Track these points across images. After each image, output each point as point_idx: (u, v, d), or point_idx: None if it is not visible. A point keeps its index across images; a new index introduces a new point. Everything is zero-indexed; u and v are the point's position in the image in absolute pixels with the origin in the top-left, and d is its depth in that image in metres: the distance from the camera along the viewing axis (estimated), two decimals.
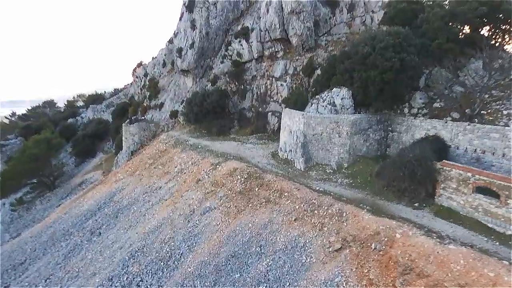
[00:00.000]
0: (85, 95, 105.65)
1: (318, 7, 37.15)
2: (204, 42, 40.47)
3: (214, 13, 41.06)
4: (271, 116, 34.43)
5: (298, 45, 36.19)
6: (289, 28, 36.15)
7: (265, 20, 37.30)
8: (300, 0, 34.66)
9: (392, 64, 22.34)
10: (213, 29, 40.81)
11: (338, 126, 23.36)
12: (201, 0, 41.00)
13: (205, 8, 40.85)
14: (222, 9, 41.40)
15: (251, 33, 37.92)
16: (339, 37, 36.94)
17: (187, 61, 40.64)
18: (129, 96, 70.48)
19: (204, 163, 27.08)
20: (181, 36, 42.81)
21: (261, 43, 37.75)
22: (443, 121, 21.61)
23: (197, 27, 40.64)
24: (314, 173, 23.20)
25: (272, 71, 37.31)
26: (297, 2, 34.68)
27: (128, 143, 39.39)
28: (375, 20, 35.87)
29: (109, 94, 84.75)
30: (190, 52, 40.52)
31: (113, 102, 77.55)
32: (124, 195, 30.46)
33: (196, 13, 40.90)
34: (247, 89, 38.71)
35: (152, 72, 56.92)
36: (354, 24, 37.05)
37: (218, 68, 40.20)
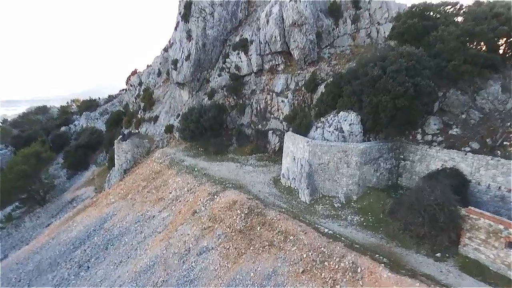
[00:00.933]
0: (79, 100, 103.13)
1: (320, 18, 35.10)
2: (201, 54, 38.28)
3: (211, 23, 38.89)
4: (272, 135, 32.36)
5: (300, 59, 34.12)
6: (290, 40, 34.06)
7: (265, 32, 35.18)
8: (302, 12, 32.56)
9: (406, 89, 20.34)
10: (210, 40, 38.64)
11: (347, 156, 21.36)
12: (197, 10, 38.80)
13: (201, 18, 38.65)
14: (219, 18, 39.23)
15: (250, 45, 35.80)
16: (343, 50, 34.92)
17: (183, 74, 38.45)
18: (123, 103, 68.15)
19: (201, 191, 25.00)
20: (177, 47, 40.58)
21: (261, 56, 35.65)
22: (462, 153, 19.67)
23: (193, 38, 38.43)
24: (320, 208, 21.21)
25: (273, 86, 35.23)
26: (299, 14, 32.59)
27: (120, 161, 37.20)
28: (381, 33, 33.87)
29: (103, 101, 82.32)
30: (186, 65, 38.33)
31: (107, 110, 75.20)
32: (115, 222, 28.32)
33: (192, 23, 38.70)
34: (246, 104, 36.61)
35: (146, 82, 54.64)
36: (358, 36, 35.02)
37: (216, 82, 38.07)
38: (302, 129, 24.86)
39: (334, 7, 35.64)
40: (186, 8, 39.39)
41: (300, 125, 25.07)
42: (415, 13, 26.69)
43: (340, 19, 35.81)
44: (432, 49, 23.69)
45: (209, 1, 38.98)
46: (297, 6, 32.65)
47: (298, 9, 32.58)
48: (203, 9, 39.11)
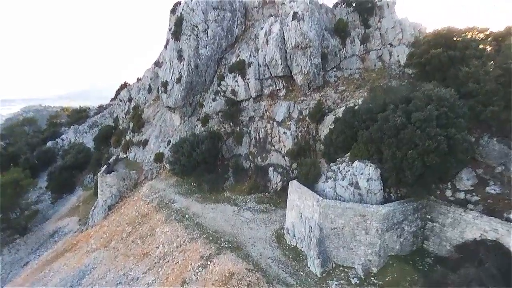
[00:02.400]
0: (69, 109, 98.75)
1: (326, 38, 31.36)
2: (193, 76, 34.41)
3: (204, 41, 34.99)
4: (273, 172, 28.67)
5: (304, 84, 30.41)
6: (292, 64, 30.32)
7: (265, 54, 31.39)
8: (306, 34, 28.79)
9: (437, 143, 16.73)
10: (204, 59, 34.76)
11: (365, 221, 17.75)
12: (189, 27, 34.87)
13: (194, 36, 34.73)
14: (213, 36, 35.34)
15: (248, 68, 31.99)
16: (351, 73, 31.24)
17: (174, 98, 34.57)
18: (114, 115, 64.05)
19: (192, 251, 21.31)
20: (167, 68, 36.68)
21: (260, 81, 31.87)
22: (507, 224, 16.12)
23: (185, 59, 34.54)
24: (334, 284, 17.59)
25: (273, 113, 31.48)
26: (303, 35, 28.82)
27: (105, 196, 33.36)
28: (394, 56, 30.19)
29: (94, 112, 78.09)
30: (176, 88, 34.44)
31: (97, 122, 71.10)
32: (94, 279, 24.57)
33: (184, 42, 34.78)
34: (243, 132, 32.85)
35: (136, 98, 50.65)
36: (368, 59, 31.33)
37: (210, 107, 34.25)
38: (309, 180, 21.17)
39: (340, 26, 31.91)
40: (176, 25, 35.45)
41: (307, 175, 21.35)
42: (438, 40, 23.04)
43: (348, 39, 32.11)
44: (463, 86, 20.09)
45: (202, 17, 35.07)
46: (300, 27, 28.88)
47: (302, 30, 28.81)
48: (195, 26, 35.18)
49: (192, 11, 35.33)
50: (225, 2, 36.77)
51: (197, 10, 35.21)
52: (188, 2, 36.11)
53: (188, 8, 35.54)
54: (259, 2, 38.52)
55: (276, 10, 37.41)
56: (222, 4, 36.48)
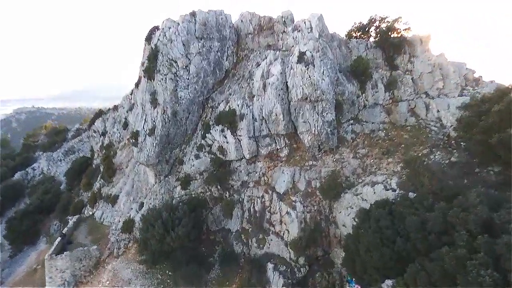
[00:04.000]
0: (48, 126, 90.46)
1: (341, 81, 23.98)
2: (170, 126, 26.83)
3: (185, 80, 27.42)
4: (273, 271, 21.16)
5: (313, 146, 23.04)
6: (298, 120, 22.93)
7: (261, 104, 23.94)
8: (317, 83, 21.38)
9: None
10: (184, 104, 27.18)
11: None
12: (165, 63, 27.25)
13: (171, 74, 27.11)
14: (196, 73, 27.78)
15: (239, 121, 24.48)
16: (373, 129, 23.91)
17: (146, 154, 26.96)
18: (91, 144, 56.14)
19: None
20: (138, 113, 29.07)
21: (255, 139, 24.40)
22: None
23: (160, 104, 26.95)
24: None
25: (273, 180, 24.07)
26: (313, 86, 21.40)
27: (54, 284, 25.64)
28: (432, 111, 22.82)
29: (72, 135, 69.87)
30: (149, 141, 26.82)
31: (73, 148, 63.15)
32: None
33: (159, 82, 27.15)
34: (234, 200, 25.38)
35: (111, 132, 42.94)
36: (396, 111, 24.00)
37: (192, 165, 26.70)
38: None
39: (359, 66, 24.54)
40: (150, 59, 27.80)
41: None
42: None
43: (368, 83, 24.79)
44: None
45: (183, 51, 27.49)
46: (309, 74, 21.46)
47: (312, 79, 21.40)
48: (173, 61, 27.57)
49: (170, 43, 27.72)
50: (212, 30, 29.25)
51: (176, 41, 27.63)
52: (165, 30, 28.50)
53: (165, 38, 27.92)
54: (255, 28, 31.10)
55: (275, 39, 30.04)
56: (208, 32, 28.94)
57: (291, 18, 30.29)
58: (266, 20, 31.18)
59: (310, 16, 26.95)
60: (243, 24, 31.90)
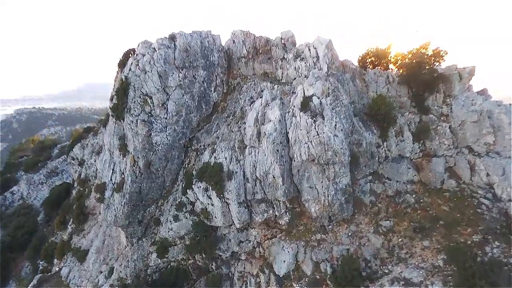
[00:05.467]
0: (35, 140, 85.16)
1: (356, 129, 18.50)
2: (143, 181, 21.40)
3: (162, 120, 21.98)
4: None
5: (322, 216, 17.60)
6: (303, 184, 17.49)
7: (255, 160, 18.46)
8: (329, 142, 15.87)
9: None
10: (161, 151, 21.73)
11: None
12: (137, 100, 21.76)
13: (144, 115, 21.64)
14: (177, 111, 22.33)
15: (227, 180, 18.99)
16: (400, 190, 18.46)
17: (113, 213, 21.58)
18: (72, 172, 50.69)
19: None
20: (105, 159, 23.64)
21: (247, 204, 18.96)
22: None
23: (130, 152, 21.52)
24: None
25: (270, 255, 18.68)
26: (322, 145, 15.91)
27: None
28: (480, 174, 17.23)
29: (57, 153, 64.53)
30: (117, 198, 21.42)
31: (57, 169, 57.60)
32: None
33: (128, 126, 21.67)
34: (222, 275, 20.03)
35: (88, 163, 37.42)
36: (429, 168, 18.48)
37: (170, 228, 21.32)
38: None
39: (379, 107, 19.02)
40: (119, 95, 22.32)
41: None
42: None
43: (391, 129, 19.28)
44: None
45: (159, 84, 22.05)
46: (317, 129, 15.97)
47: (320, 136, 15.92)
48: (148, 96, 22.12)
49: (144, 74, 22.25)
50: (196, 56, 23.78)
51: (151, 73, 22.16)
52: (139, 57, 23.04)
53: (138, 69, 22.45)
54: (249, 51, 25.67)
55: (273, 67, 24.60)
56: (192, 60, 23.47)
57: (292, 40, 24.80)
58: (263, 42, 25.72)
59: (316, 42, 21.46)
60: (235, 46, 26.43)
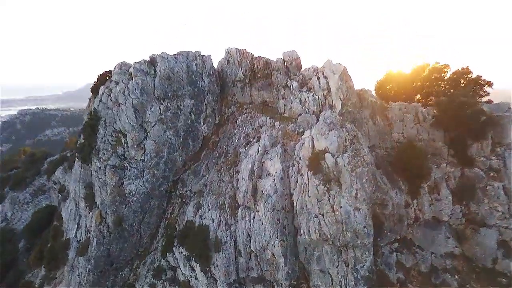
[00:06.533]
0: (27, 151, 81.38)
1: (380, 186, 14.28)
2: (112, 242, 17.25)
3: (138, 164, 17.82)
4: None
5: None
6: (311, 265, 13.21)
7: (249, 227, 14.23)
8: (347, 220, 11.61)
9: None
10: (136, 203, 17.58)
11: None
12: (108, 139, 17.63)
13: (116, 159, 17.50)
14: (157, 151, 18.18)
15: (214, 251, 14.77)
16: (434, 264, 14.27)
17: (77, 279, 17.47)
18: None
19: None
20: (71, 208, 19.58)
21: (240, 282, 14.73)
22: None
23: (98, 205, 17.41)
24: None
25: None
26: (339, 224, 11.59)
27: None
28: None
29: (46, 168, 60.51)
30: (82, 262, 17.32)
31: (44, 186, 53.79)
32: None
33: (95, 173, 17.54)
34: None
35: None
36: (475, 240, 14.15)
37: None
38: None
39: (409, 159, 14.75)
40: (87, 132, 18.22)
41: None
42: None
43: (424, 184, 15.09)
44: None
45: (134, 120, 17.90)
46: (332, 201, 11.71)
47: (337, 213, 11.67)
48: (121, 134, 17.98)
49: (117, 106, 18.13)
50: (182, 83, 19.64)
51: (125, 105, 18.03)
52: (112, 86, 18.91)
53: (110, 99, 18.32)
54: (246, 74, 21.54)
55: (274, 95, 20.44)
56: (176, 88, 19.33)
57: (296, 64, 20.64)
58: (261, 64, 21.57)
59: (327, 70, 17.23)
60: (230, 68, 22.31)
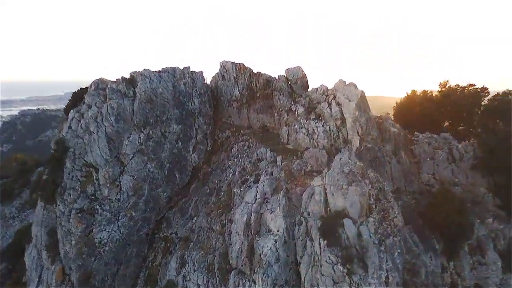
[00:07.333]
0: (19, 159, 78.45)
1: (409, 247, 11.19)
2: None
3: (112, 205, 14.78)
4: None
5: None
6: None
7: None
8: None
9: None
10: (108, 253, 14.51)
11: None
12: (77, 175, 14.55)
13: (84, 200, 14.41)
14: (135, 189, 15.17)
15: None
16: None
17: None
18: None
19: None
20: (33, 256, 16.42)
21: None
22: None
23: (61, 259, 14.37)
24: None
25: None
26: None
27: None
28: None
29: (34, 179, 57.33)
30: None
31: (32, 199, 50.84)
32: None
33: (59, 219, 14.52)
34: None
35: None
36: None
37: None
38: None
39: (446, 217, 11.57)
40: (51, 164, 15.18)
41: None
42: None
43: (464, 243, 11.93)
44: None
45: (108, 153, 14.82)
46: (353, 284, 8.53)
47: None
48: (92, 168, 14.91)
49: (88, 135, 15.08)
50: (167, 105, 16.59)
51: (97, 134, 14.98)
52: (83, 110, 15.87)
53: (80, 127, 15.28)
54: (243, 92, 18.52)
55: (276, 121, 17.40)
56: (159, 112, 16.26)
57: (302, 83, 17.55)
58: (261, 82, 18.48)
59: (340, 95, 14.13)
60: (225, 84, 19.26)
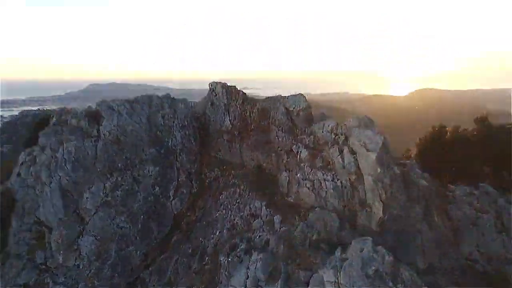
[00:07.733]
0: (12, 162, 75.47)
1: None
2: None
3: (70, 274, 11.81)
4: None
5: None
6: None
7: None
8: None
9: None
10: None
11: None
12: (25, 236, 11.60)
13: (31, 272, 11.49)
14: (98, 252, 12.25)
15: None
16: None
17: None
18: None
19: None
20: None
21: None
22: None
23: None
24: None
25: None
26: None
27: None
28: None
29: None
30: None
31: None
32: None
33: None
34: None
35: None
36: None
37: None
38: None
39: None
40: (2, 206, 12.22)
41: None
42: None
43: None
44: None
45: (61, 207, 11.80)
46: None
47: None
48: (45, 227, 11.92)
49: (40, 185, 12.10)
50: (142, 145, 13.62)
51: (50, 187, 12.01)
52: (36, 152, 12.92)
53: (31, 175, 12.33)
54: (234, 123, 15.53)
55: (274, 161, 14.47)
56: (130, 154, 13.26)
57: (305, 114, 14.56)
58: (257, 113, 15.44)
59: (353, 136, 11.10)
60: (214, 112, 16.30)
